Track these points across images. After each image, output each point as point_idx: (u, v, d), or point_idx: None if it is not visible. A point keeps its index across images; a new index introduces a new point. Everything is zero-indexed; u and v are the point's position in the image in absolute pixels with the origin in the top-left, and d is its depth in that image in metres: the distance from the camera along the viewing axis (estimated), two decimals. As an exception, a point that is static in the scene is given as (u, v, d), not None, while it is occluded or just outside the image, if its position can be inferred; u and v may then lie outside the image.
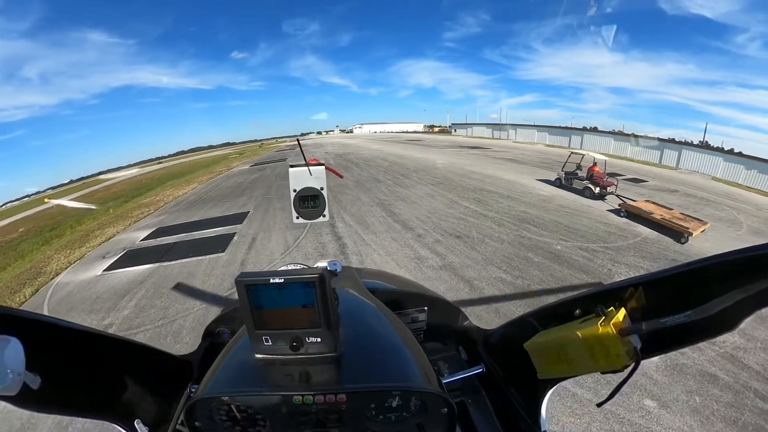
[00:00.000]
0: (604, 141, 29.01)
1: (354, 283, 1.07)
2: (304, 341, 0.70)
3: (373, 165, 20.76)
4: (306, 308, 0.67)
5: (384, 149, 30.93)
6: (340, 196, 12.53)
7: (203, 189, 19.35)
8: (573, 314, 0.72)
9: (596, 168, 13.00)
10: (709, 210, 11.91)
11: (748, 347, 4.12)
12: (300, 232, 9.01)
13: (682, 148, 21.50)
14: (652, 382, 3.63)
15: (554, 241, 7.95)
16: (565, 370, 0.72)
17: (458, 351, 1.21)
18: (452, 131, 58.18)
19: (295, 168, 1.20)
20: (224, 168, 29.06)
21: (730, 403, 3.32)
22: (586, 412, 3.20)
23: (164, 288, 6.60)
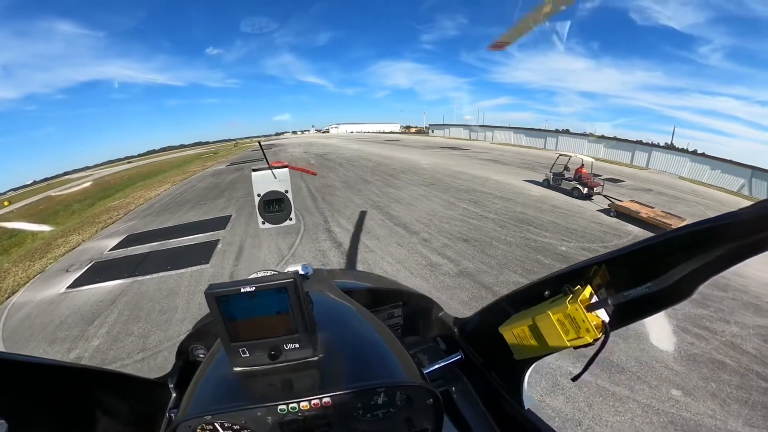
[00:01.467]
0: (579, 142, 31.56)
1: (327, 285, 1.11)
2: (283, 349, 0.72)
3: (358, 165, 20.95)
4: (281, 315, 0.69)
5: (364, 149, 31.34)
6: (330, 198, 12.59)
7: (177, 190, 18.47)
8: (543, 295, 0.80)
9: (583, 169, 14.29)
10: (681, 207, 13.62)
11: (743, 335, 4.98)
12: (294, 238, 8.98)
13: (652, 149, 24.18)
14: (673, 372, 4.30)
15: (558, 243, 8.72)
16: (540, 349, 0.79)
17: (436, 342, 1.29)
18: (429, 132, 60.74)
19: (258, 172, 1.23)
20: (198, 168, 28.51)
21: (740, 386, 4.06)
22: (627, 409, 3.75)
23: (141, 310, 6.06)
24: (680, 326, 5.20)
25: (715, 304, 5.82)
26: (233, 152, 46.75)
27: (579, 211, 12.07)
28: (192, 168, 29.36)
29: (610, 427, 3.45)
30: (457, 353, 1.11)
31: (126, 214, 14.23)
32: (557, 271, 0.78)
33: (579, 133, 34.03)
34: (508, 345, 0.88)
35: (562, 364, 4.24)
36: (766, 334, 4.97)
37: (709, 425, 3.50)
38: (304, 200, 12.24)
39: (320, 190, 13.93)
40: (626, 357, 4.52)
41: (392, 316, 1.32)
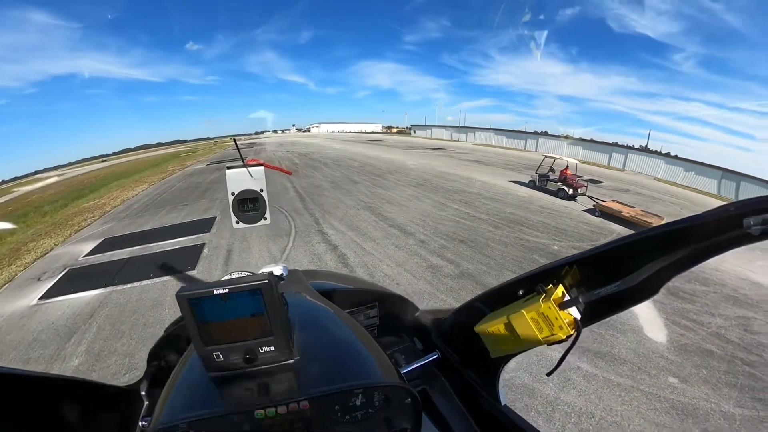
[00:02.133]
0: (558, 144, 33.16)
1: (302, 287, 1.12)
2: (258, 352, 0.72)
3: (343, 165, 21.02)
4: (255, 317, 0.69)
5: (348, 149, 31.47)
6: (319, 198, 12.60)
7: (156, 190, 17.77)
8: (516, 294, 0.85)
9: (568, 171, 15.12)
10: (658, 206, 14.73)
11: (726, 325, 5.58)
12: (285, 241, 8.97)
13: (628, 152, 25.89)
14: (668, 362, 4.76)
15: (550, 242, 9.24)
16: (515, 346, 0.83)
17: (413, 341, 1.33)
18: (411, 133, 62.28)
19: (233, 170, 1.24)
20: (177, 167, 27.77)
21: (727, 371, 4.57)
22: (633, 398, 4.13)
23: (123, 324, 5.67)
24: (670, 319, 5.72)
25: (700, 298, 6.44)
26: (212, 151, 46.33)
27: (566, 212, 12.78)
28: (170, 167, 28.79)
29: (620, 415, 3.80)
30: (433, 352, 1.15)
31: (102, 215, 13.54)
32: (530, 271, 0.83)
33: (557, 135, 35.82)
34: (483, 343, 0.92)
35: (574, 361, 4.59)
36: (746, 324, 5.59)
37: (705, 408, 3.94)
38: (292, 201, 12.18)
39: (308, 190, 13.91)
40: (626, 350, 4.94)
41: (368, 317, 1.34)
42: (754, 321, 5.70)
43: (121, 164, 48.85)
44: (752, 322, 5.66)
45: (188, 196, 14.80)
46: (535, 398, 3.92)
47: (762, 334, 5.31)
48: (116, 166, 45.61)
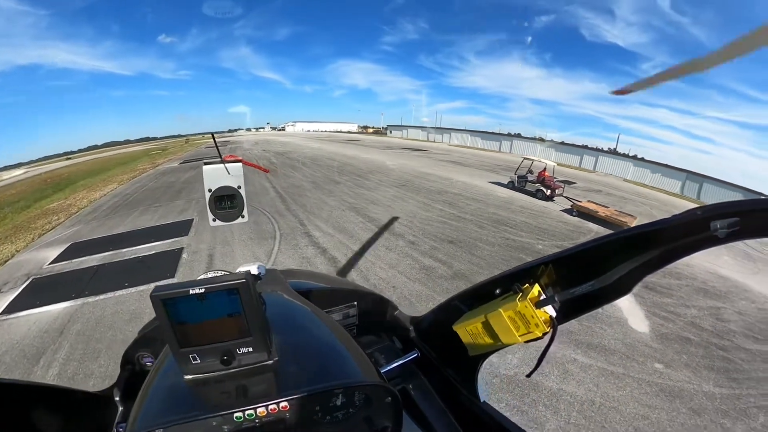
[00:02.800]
0: (531, 146, 34.85)
1: (281, 286, 1.12)
2: (236, 353, 0.72)
3: (323, 165, 20.96)
4: (232, 317, 0.69)
5: (326, 148, 31.43)
6: (301, 199, 12.53)
7: (126, 190, 16.77)
8: (494, 293, 0.88)
9: (546, 173, 16.01)
10: (630, 206, 15.95)
11: (700, 315, 6.26)
12: (270, 244, 8.88)
13: (599, 154, 27.79)
14: (653, 350, 5.28)
15: (534, 242, 9.79)
16: (493, 344, 0.86)
17: (392, 340, 1.36)
18: (387, 133, 63.65)
19: (210, 165, 1.24)
20: (148, 165, 26.56)
21: (704, 356, 5.16)
22: (626, 384, 4.56)
23: (99, 341, 5.27)
24: (650, 311, 6.32)
25: (675, 291, 7.14)
26: (184, 149, 45.25)
27: (545, 212, 13.54)
28: (140, 165, 27.68)
29: (617, 401, 4.21)
30: (413, 351, 1.19)
31: (68, 218, 12.62)
32: (507, 271, 0.86)
33: (530, 137, 37.68)
34: (462, 341, 0.97)
35: (570, 353, 4.98)
36: (717, 313, 6.31)
37: (689, 389, 4.44)
38: (273, 202, 12.03)
39: (288, 191, 13.79)
40: (614, 340, 5.42)
41: (347, 316, 1.37)
42: (724, 310, 6.44)
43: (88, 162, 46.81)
44: (722, 312, 6.39)
45: (161, 197, 14.17)
46: (540, 392, 4.23)
47: (731, 322, 6.02)
48: (82, 164, 43.50)
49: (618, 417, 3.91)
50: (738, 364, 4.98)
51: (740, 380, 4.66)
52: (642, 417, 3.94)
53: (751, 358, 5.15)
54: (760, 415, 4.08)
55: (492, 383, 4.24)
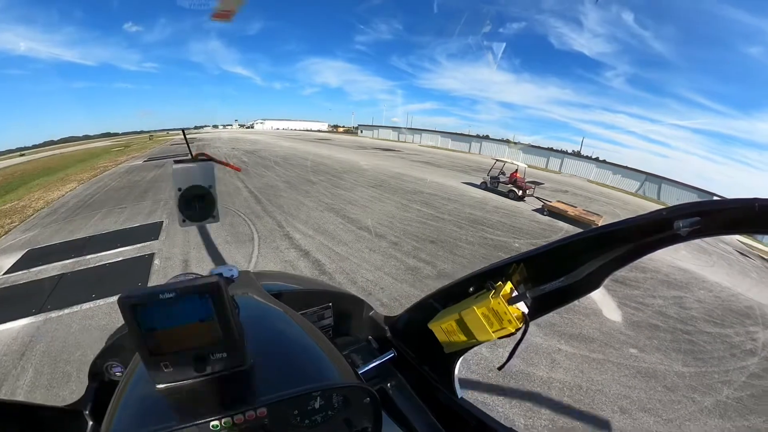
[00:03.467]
0: (500, 148, 36.49)
1: (254, 288, 1.12)
2: (209, 359, 0.72)
3: (295, 164, 20.70)
4: (205, 322, 0.68)
5: (297, 147, 31.09)
6: (277, 200, 12.35)
7: (87, 190, 15.45)
8: (467, 292, 0.93)
9: (517, 174, 16.90)
10: (595, 206, 17.23)
11: (665, 304, 6.98)
12: (249, 248, 8.73)
13: (564, 156, 29.68)
14: (627, 336, 5.84)
15: (511, 240, 10.36)
16: (468, 341, 0.91)
17: (369, 341, 1.38)
18: (358, 132, 64.13)
19: (180, 164, 1.21)
20: (110, 163, 24.76)
21: (672, 340, 5.80)
22: (607, 368, 5.04)
23: (68, 363, 4.77)
24: (622, 302, 6.96)
25: (642, 284, 7.90)
26: (148, 146, 42.89)
27: (518, 211, 14.30)
28: (101, 163, 25.87)
29: (601, 384, 4.64)
30: (389, 351, 1.23)
31: (22, 221, 11.47)
32: (480, 269, 0.91)
33: (499, 139, 39.49)
34: (437, 340, 1.00)
35: (555, 344, 5.40)
36: (680, 302, 7.08)
37: (662, 370, 4.99)
38: (248, 203, 11.75)
39: (263, 191, 13.51)
40: (592, 330, 5.93)
41: (322, 318, 1.39)
42: (686, 299, 7.24)
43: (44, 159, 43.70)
44: (684, 300, 7.18)
45: (126, 197, 13.31)
46: (533, 381, 4.57)
47: (693, 309, 6.79)
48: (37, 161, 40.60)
49: (603, 398, 4.33)
50: (701, 346, 5.66)
51: (704, 360, 5.31)
52: (624, 397, 4.39)
53: (712, 339, 5.87)
54: (724, 389, 4.70)
55: (488, 377, 4.52)
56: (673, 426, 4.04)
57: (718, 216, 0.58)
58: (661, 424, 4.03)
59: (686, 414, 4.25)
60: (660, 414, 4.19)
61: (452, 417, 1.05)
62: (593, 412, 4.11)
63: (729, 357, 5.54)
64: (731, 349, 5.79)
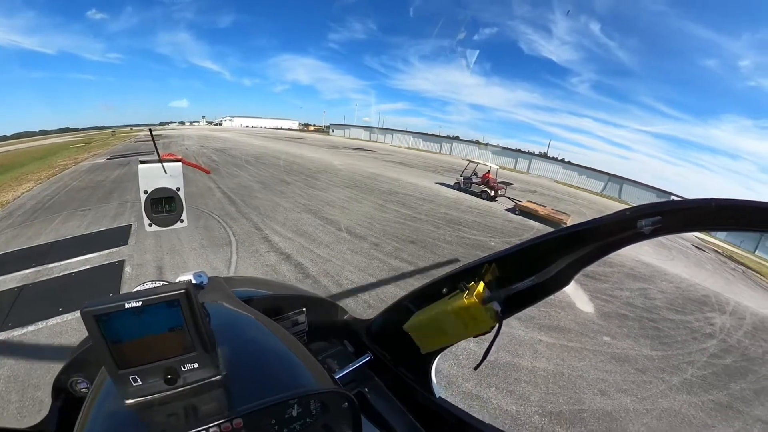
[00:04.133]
0: (470, 149, 37.69)
1: (224, 295, 1.11)
2: (180, 371, 0.70)
3: (268, 164, 20.31)
4: (174, 332, 0.67)
5: (268, 146, 30.52)
6: (252, 201, 12.11)
7: (45, 191, 14.07)
8: (441, 292, 0.97)
9: (489, 175, 17.61)
10: (563, 205, 18.29)
11: (632, 296, 7.63)
12: (227, 252, 8.53)
13: (532, 157, 31.20)
14: (599, 326, 6.34)
15: (487, 239, 10.82)
16: (443, 341, 0.96)
17: (344, 345, 1.40)
18: (330, 131, 64.01)
19: (146, 164, 1.19)
20: (69, 161, 22.84)
21: (640, 327, 6.37)
22: (584, 356, 5.45)
23: (37, 388, 4.28)
24: (593, 296, 7.52)
25: (610, 278, 8.56)
26: (111, 142, 39.99)
27: (491, 211, 14.92)
28: (60, 161, 23.87)
29: (581, 370, 5.04)
30: (365, 354, 1.24)
31: None
32: (453, 270, 0.94)
33: (469, 140, 40.79)
34: (413, 341, 1.03)
35: (536, 336, 5.76)
36: (645, 293, 7.76)
37: (633, 354, 5.49)
38: (221, 204, 11.41)
39: (236, 191, 13.16)
40: (568, 321, 6.38)
41: (296, 323, 1.38)
42: (649, 290, 7.94)
43: None
44: (648, 291, 7.88)
45: (89, 199, 12.39)
46: (519, 371, 4.87)
47: (657, 299, 7.47)
48: None
49: (584, 383, 4.71)
50: (666, 332, 6.26)
51: (669, 344, 5.90)
52: (602, 380, 4.80)
53: (675, 326, 6.51)
54: (689, 369, 5.26)
55: (478, 370, 4.76)
56: (647, 403, 4.49)
57: (678, 215, 0.62)
58: (637, 402, 4.47)
59: (658, 392, 4.74)
60: (635, 393, 4.63)
61: (431, 417, 1.08)
62: (577, 396, 4.46)
63: (691, 340, 6.20)
64: (692, 333, 6.47)
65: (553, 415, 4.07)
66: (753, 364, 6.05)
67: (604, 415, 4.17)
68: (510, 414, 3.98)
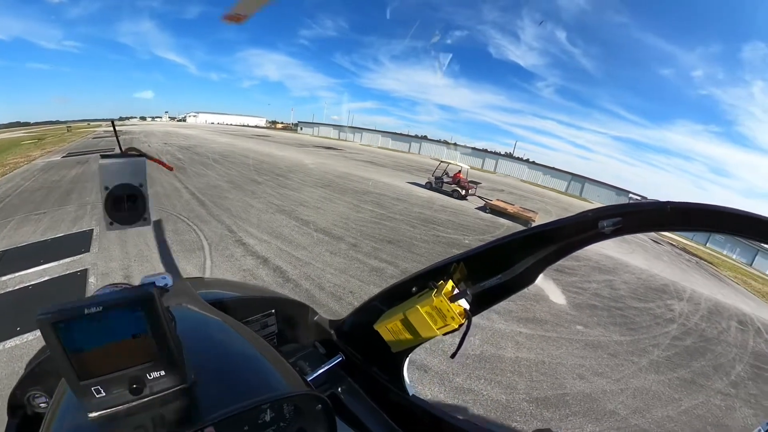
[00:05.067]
0: (438, 148, 38.62)
1: (191, 298, 1.09)
2: (146, 379, 0.67)
3: (236, 162, 19.69)
4: (138, 338, 0.64)
5: (236, 143, 29.58)
6: (222, 201, 11.72)
7: None
8: (411, 292, 1.00)
9: (460, 174, 18.17)
10: (529, 203, 19.24)
11: (599, 287, 8.25)
12: (199, 257, 8.22)
13: (498, 157, 32.54)
14: (572, 316, 6.82)
15: (461, 237, 11.21)
16: (414, 339, 0.98)
17: (315, 346, 1.40)
18: (298, 129, 63.35)
19: (108, 159, 1.14)
20: (21, 159, 20.62)
21: (609, 315, 6.93)
22: (561, 344, 5.85)
23: None
24: (565, 289, 8.04)
25: (577, 271, 9.18)
26: (67, 139, 36.57)
27: (463, 210, 15.43)
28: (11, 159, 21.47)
29: (559, 357, 5.42)
30: (337, 355, 1.25)
31: None
32: (422, 270, 0.96)
33: (437, 140, 41.82)
34: (384, 340, 1.05)
35: (516, 328, 6.10)
36: (611, 284, 8.43)
37: (605, 341, 5.98)
38: (190, 205, 10.94)
39: (205, 192, 12.65)
40: (543, 313, 6.80)
41: (266, 326, 1.38)
42: (614, 281, 8.62)
43: None
44: (613, 283, 8.55)
45: (45, 201, 11.30)
46: (504, 362, 5.15)
47: (621, 289, 8.14)
48: None
49: (564, 369, 5.08)
50: (632, 319, 6.85)
51: (636, 329, 6.47)
52: (579, 366, 5.20)
53: (639, 313, 7.14)
54: (655, 351, 5.82)
55: (466, 364, 4.98)
56: (621, 384, 4.94)
57: (636, 216, 0.67)
58: (612, 384, 4.90)
59: (629, 373, 5.22)
60: (609, 376, 5.07)
61: (406, 415, 1.09)
62: (558, 381, 4.81)
63: (654, 325, 6.84)
64: (655, 319, 7.14)
65: (540, 400, 4.36)
66: (710, 344, 6.80)
67: (584, 397, 4.53)
68: (501, 403, 4.22)
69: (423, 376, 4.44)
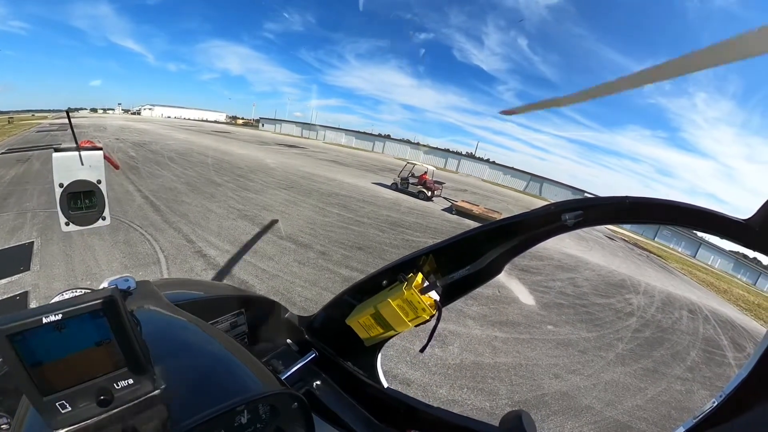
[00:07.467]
0: (401, 148, 39.10)
1: (155, 300, 1.05)
2: (114, 389, 0.64)
3: (194, 161, 18.51)
4: (102, 346, 0.61)
5: (194, 140, 27.95)
6: (179, 206, 10.98)
7: None
8: (381, 285, 1.02)
9: (426, 176, 18.48)
10: (492, 203, 19.98)
11: (563, 285, 8.74)
12: (156, 271, 7.63)
13: (461, 157, 33.56)
14: (542, 316, 7.18)
15: (430, 240, 11.30)
16: (386, 332, 1.01)
17: (288, 344, 1.40)
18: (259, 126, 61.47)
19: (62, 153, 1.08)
20: None
21: (575, 313, 7.36)
22: (535, 345, 6.13)
23: None
24: (532, 288, 8.44)
25: (542, 270, 9.68)
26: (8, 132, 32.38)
27: (429, 212, 15.71)
28: None
29: (534, 359, 5.67)
30: (310, 352, 1.26)
31: None
32: (391, 263, 0.99)
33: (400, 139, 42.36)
34: (357, 335, 1.07)
35: (491, 333, 6.30)
36: (574, 282, 8.96)
37: (573, 338, 6.34)
38: (142, 211, 10.10)
39: (160, 195, 11.77)
40: (515, 315, 7.09)
41: (235, 325, 1.37)
42: (577, 279, 9.17)
43: None
44: (576, 280, 9.10)
45: None
46: (484, 368, 5.29)
47: (583, 287, 8.67)
48: None
49: (540, 370, 5.32)
50: (596, 315, 7.33)
51: (600, 325, 6.94)
52: (554, 365, 5.48)
53: (602, 309, 7.67)
54: (619, 344, 6.29)
55: (448, 375, 5.05)
56: (593, 379, 5.29)
57: (597, 210, 0.72)
58: (585, 380, 5.23)
59: (599, 368, 5.61)
60: (582, 372, 5.41)
61: (382, 407, 1.12)
62: (536, 383, 5.03)
63: (616, 320, 7.38)
64: (617, 313, 7.70)
65: (521, 403, 4.54)
66: (666, 333, 7.48)
67: (561, 396, 4.78)
68: (485, 410, 4.34)
69: (406, 390, 4.45)
